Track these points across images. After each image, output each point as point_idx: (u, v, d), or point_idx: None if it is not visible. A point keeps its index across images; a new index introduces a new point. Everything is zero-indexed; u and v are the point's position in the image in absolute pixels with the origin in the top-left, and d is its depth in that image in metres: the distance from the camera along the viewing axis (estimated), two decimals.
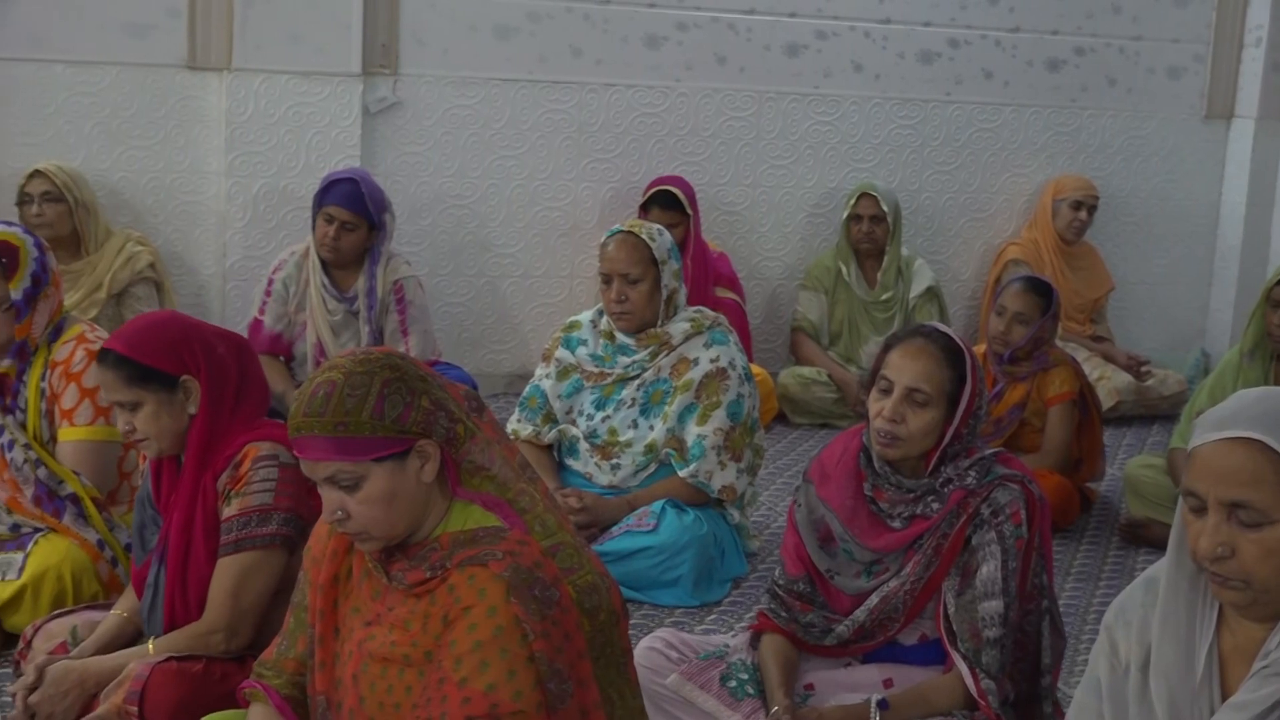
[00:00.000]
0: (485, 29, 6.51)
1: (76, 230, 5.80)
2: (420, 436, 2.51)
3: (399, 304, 5.71)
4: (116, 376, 3.15)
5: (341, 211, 5.59)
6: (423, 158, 6.51)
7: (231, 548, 3.12)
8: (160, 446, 3.21)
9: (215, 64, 6.14)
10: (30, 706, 3.15)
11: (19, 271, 3.79)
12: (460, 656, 2.42)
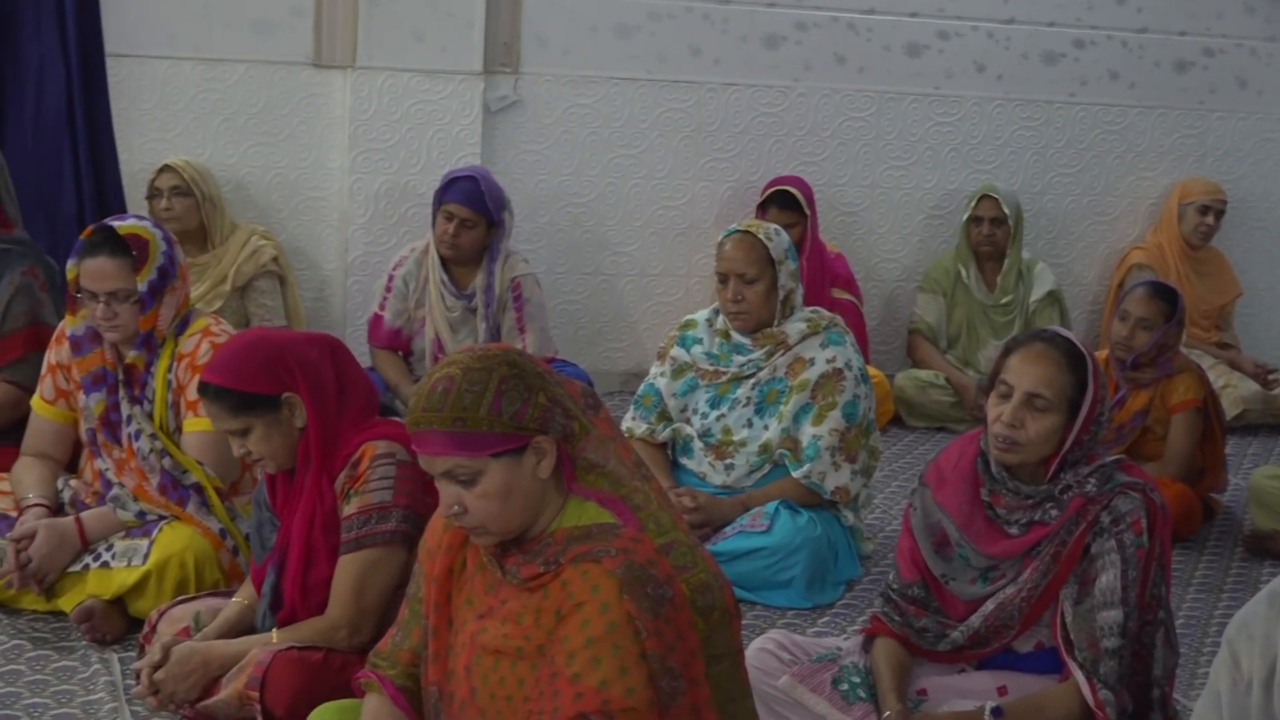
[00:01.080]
0: (606, 28, 6.53)
1: (203, 224, 5.91)
2: (537, 433, 2.53)
3: (516, 301, 5.75)
4: (221, 408, 3.23)
5: (461, 209, 5.65)
6: (542, 156, 6.54)
7: (352, 545, 3.17)
8: (278, 463, 3.28)
9: (340, 62, 6.23)
10: (154, 684, 3.23)
11: (147, 264, 3.87)
12: (573, 652, 2.44)
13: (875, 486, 5.08)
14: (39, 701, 3.45)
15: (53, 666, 3.64)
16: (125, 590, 3.80)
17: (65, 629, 3.84)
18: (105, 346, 3.97)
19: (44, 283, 4.60)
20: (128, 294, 3.85)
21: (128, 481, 3.92)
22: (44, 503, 3.95)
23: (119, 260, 3.84)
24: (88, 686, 3.53)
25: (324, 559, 3.22)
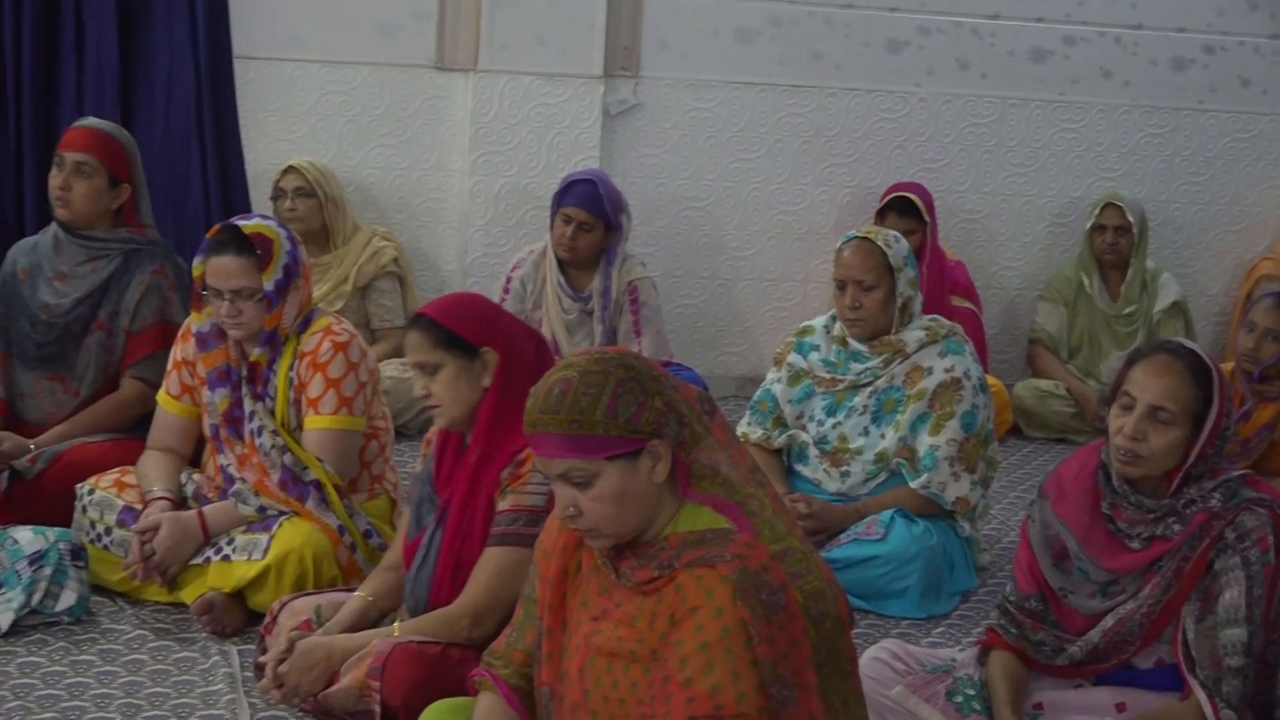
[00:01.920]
0: (726, 32, 6.53)
1: (326, 225, 6.00)
2: (652, 437, 2.53)
3: (633, 304, 5.76)
4: (424, 339, 3.33)
5: (579, 212, 5.67)
6: (660, 160, 6.55)
7: (498, 540, 3.21)
8: (451, 415, 3.33)
9: (462, 65, 6.28)
10: (278, 676, 3.28)
11: (272, 263, 3.93)
12: (685, 656, 2.44)
13: (993, 497, 5.02)
14: (160, 691, 3.51)
15: (174, 657, 3.71)
16: (245, 584, 3.86)
17: (186, 620, 3.92)
18: (229, 344, 4.04)
19: (173, 282, 4.69)
20: (252, 292, 3.91)
21: (249, 477, 3.98)
22: (168, 496, 4.03)
23: (244, 259, 3.91)
24: (207, 677, 3.60)
25: (477, 544, 3.28)
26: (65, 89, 5.84)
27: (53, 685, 3.52)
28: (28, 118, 5.77)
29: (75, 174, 4.60)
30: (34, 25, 5.74)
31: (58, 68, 5.84)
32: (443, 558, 3.35)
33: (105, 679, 3.57)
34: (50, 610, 3.84)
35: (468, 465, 3.33)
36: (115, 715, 3.38)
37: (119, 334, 4.64)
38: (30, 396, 4.67)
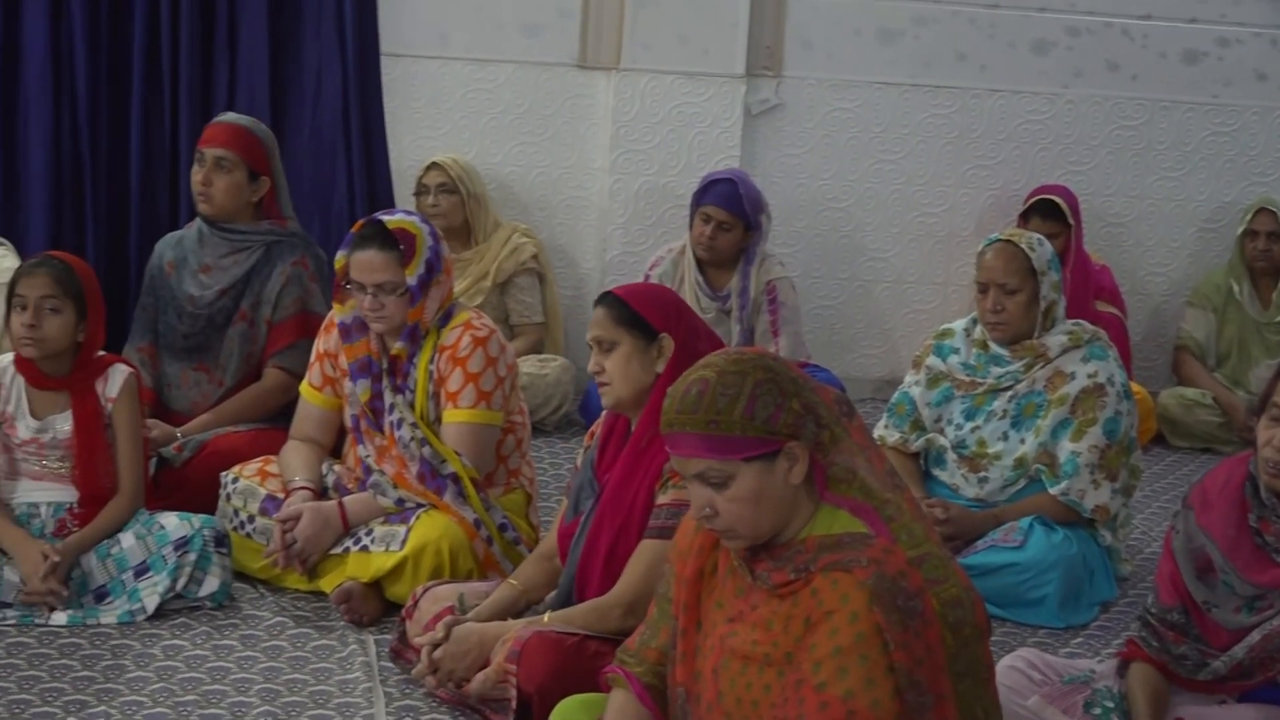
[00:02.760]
0: (869, 32, 6.48)
1: (467, 221, 6.05)
2: (789, 438, 2.52)
3: (771, 305, 5.74)
4: (606, 314, 3.38)
5: (719, 211, 5.66)
6: (801, 160, 6.52)
7: (656, 533, 3.23)
8: (619, 395, 3.36)
9: (605, 63, 6.31)
10: (434, 661, 3.33)
11: (415, 258, 3.98)
12: (820, 660, 2.42)
13: (1135, 507, 4.93)
14: (298, 677, 3.57)
15: (312, 644, 3.77)
16: (383, 574, 3.91)
17: (325, 609, 3.98)
18: (371, 336, 4.09)
19: (313, 273, 4.77)
20: (394, 286, 3.96)
21: (388, 469, 4.03)
22: (309, 486, 4.09)
23: (387, 253, 3.96)
24: (345, 665, 3.65)
25: (635, 533, 3.30)
26: (218, 87, 5.97)
27: (195, 668, 3.59)
28: (184, 116, 5.90)
29: (215, 169, 4.70)
30: (190, 25, 5.87)
31: (212, 66, 5.97)
32: (597, 543, 3.37)
33: (245, 664, 3.64)
34: (194, 595, 3.92)
35: (630, 453, 3.36)
36: (254, 699, 3.44)
37: (261, 324, 4.73)
38: (177, 386, 4.79)
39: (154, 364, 4.79)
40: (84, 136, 5.86)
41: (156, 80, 5.92)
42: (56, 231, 5.85)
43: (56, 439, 3.95)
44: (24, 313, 3.89)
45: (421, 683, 3.43)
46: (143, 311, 4.87)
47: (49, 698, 3.40)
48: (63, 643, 3.70)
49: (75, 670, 3.55)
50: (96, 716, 3.32)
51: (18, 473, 4.00)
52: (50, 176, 5.83)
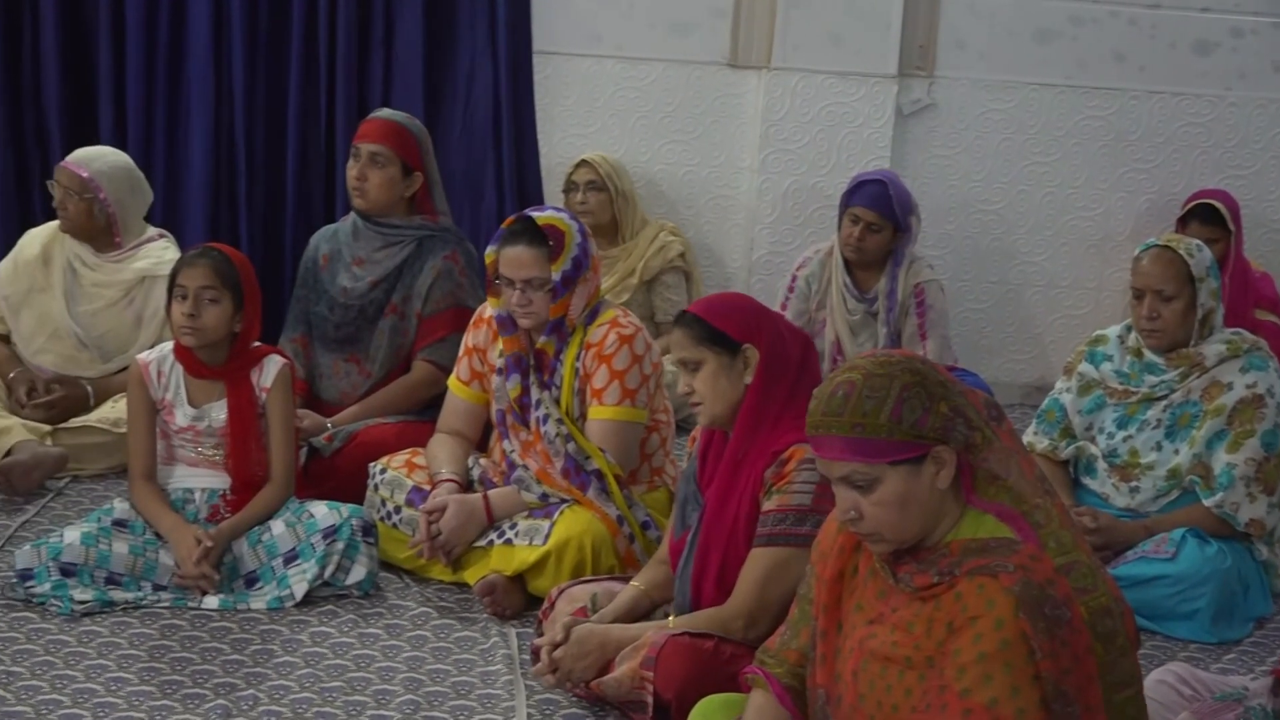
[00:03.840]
0: (1025, 33, 6.38)
1: (615, 218, 6.08)
2: (937, 442, 2.50)
3: (919, 307, 5.68)
4: (686, 335, 3.36)
5: (868, 213, 5.62)
6: (952, 161, 6.45)
7: (765, 540, 3.21)
8: (713, 412, 3.34)
9: (755, 62, 6.29)
10: (553, 662, 3.34)
11: (563, 254, 4.00)
12: (963, 666, 2.39)
13: None
14: (441, 668, 3.61)
15: (455, 635, 3.81)
16: (526, 568, 3.94)
17: (468, 600, 4.02)
18: (520, 332, 4.13)
19: (464, 267, 4.82)
20: (542, 282, 3.99)
21: (532, 464, 4.06)
22: (455, 479, 4.14)
23: (536, 249, 3.98)
24: (486, 657, 3.68)
25: (742, 544, 3.28)
26: (374, 84, 6.07)
27: (341, 655, 3.65)
28: (340, 111, 6.01)
29: (370, 164, 4.77)
30: (347, 24, 5.97)
31: (368, 63, 6.07)
32: (706, 557, 3.34)
33: (390, 652, 3.69)
34: (341, 583, 3.99)
35: (727, 465, 3.33)
36: (398, 688, 3.49)
37: (411, 318, 4.80)
38: (328, 377, 4.88)
39: (307, 355, 4.89)
40: (241, 133, 5.99)
41: (313, 78, 6.03)
42: (214, 225, 6.00)
43: (212, 426, 4.04)
44: (184, 302, 3.98)
45: (539, 679, 3.44)
46: (297, 303, 4.97)
47: (199, 679, 3.47)
48: (214, 626, 3.78)
49: (225, 653, 3.63)
50: (245, 699, 3.39)
51: (174, 459, 4.10)
52: (209, 172, 5.98)
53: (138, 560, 3.92)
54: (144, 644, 3.64)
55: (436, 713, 3.38)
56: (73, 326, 5.04)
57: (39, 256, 5.10)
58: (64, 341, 5.05)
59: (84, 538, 3.88)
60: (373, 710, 3.37)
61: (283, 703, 3.38)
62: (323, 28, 5.99)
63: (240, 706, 3.34)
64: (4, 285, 5.11)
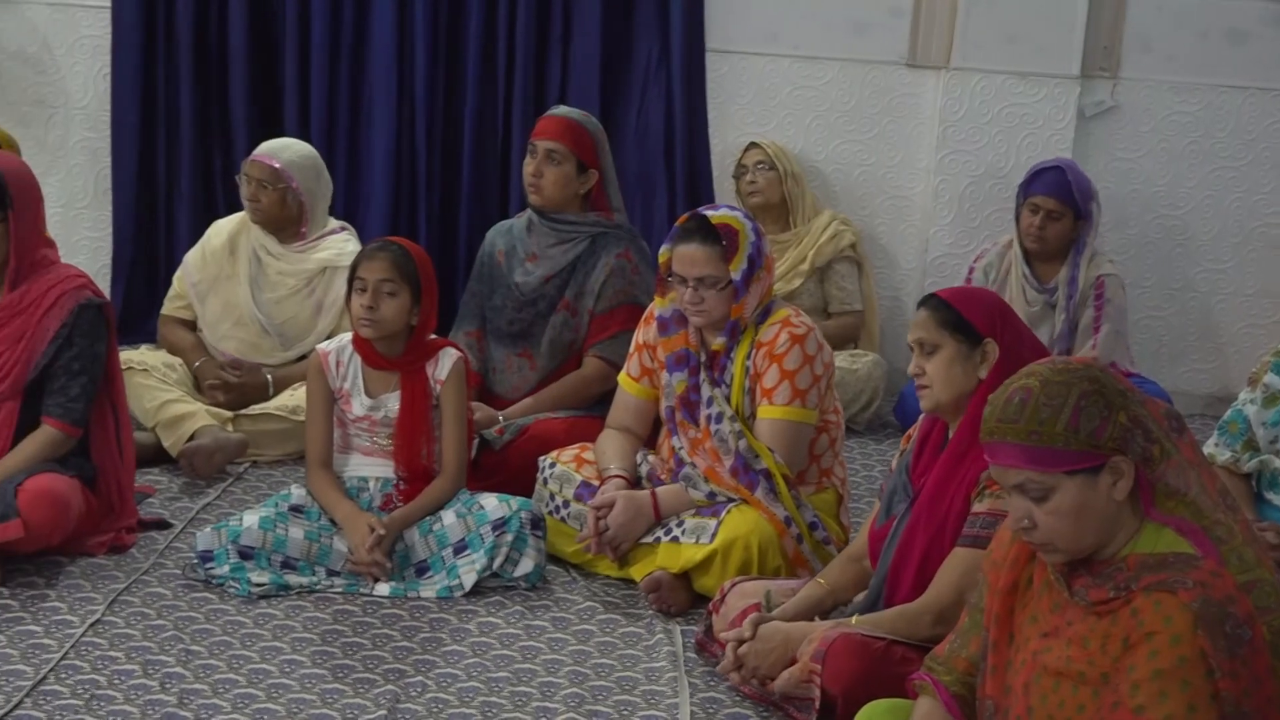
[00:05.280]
0: (1216, 33, 6.20)
1: (786, 200, 6.03)
2: (1115, 453, 2.44)
3: (1098, 300, 5.58)
4: (930, 317, 3.34)
5: (1048, 200, 5.53)
6: (1136, 165, 6.30)
7: (971, 541, 3.18)
8: (938, 399, 3.32)
9: (934, 62, 6.22)
10: (739, 658, 3.34)
11: (737, 253, 3.99)
12: (1138, 683, 2.34)
13: None
14: (605, 662, 3.64)
15: (620, 631, 3.83)
16: (692, 566, 3.94)
17: (634, 596, 4.04)
18: (690, 330, 4.13)
19: (636, 265, 4.85)
20: (716, 281, 3.99)
21: (699, 462, 4.07)
22: (624, 475, 4.16)
23: (710, 248, 3.98)
24: (651, 654, 3.69)
25: (948, 541, 3.25)
26: (551, 82, 6.13)
27: (507, 646, 3.69)
28: (517, 108, 6.08)
29: (546, 161, 4.82)
30: (526, 20, 6.04)
31: (546, 62, 6.13)
32: (909, 548, 3.33)
33: (555, 645, 3.72)
34: (509, 575, 4.03)
35: (948, 458, 3.31)
36: (563, 680, 3.52)
37: (583, 314, 4.83)
38: (500, 371, 4.94)
39: (480, 348, 4.96)
40: (421, 129, 6.10)
41: (492, 75, 6.11)
42: (393, 218, 6.10)
43: (388, 417, 4.11)
44: (363, 295, 4.06)
45: (724, 676, 3.45)
46: (472, 297, 5.03)
47: (370, 664, 3.54)
48: (385, 613, 3.85)
49: (395, 640, 3.69)
50: (414, 685, 3.44)
51: (350, 447, 4.18)
52: (389, 167, 6.09)
53: (313, 546, 4.01)
54: (317, 628, 3.72)
55: (600, 707, 3.40)
56: (256, 314, 5.18)
57: (225, 246, 5.26)
58: (247, 328, 5.20)
59: (262, 522, 3.98)
60: (538, 702, 3.40)
61: (450, 691, 3.43)
62: (502, 25, 6.06)
63: (409, 693, 3.40)
64: (192, 273, 5.28)
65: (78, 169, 6.24)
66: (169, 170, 6.14)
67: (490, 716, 3.33)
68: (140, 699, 3.29)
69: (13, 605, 3.74)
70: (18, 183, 4.02)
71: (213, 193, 6.15)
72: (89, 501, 4.06)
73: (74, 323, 4.05)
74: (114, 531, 4.13)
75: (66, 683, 3.34)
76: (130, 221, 6.13)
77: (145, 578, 3.96)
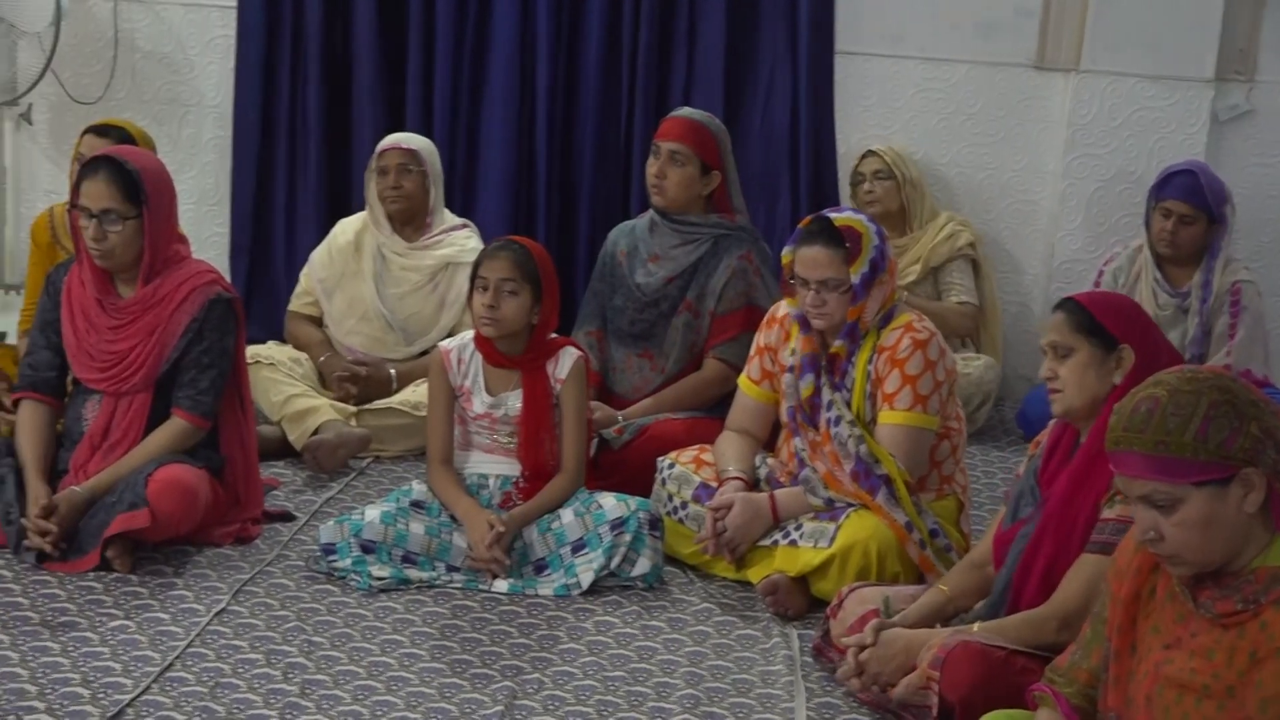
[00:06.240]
0: None
1: (904, 207, 5.96)
2: (1245, 464, 2.40)
3: (1233, 306, 5.45)
4: (1066, 320, 3.30)
5: (1180, 205, 5.42)
6: (1272, 170, 6.15)
7: (1099, 547, 3.14)
8: (1071, 403, 3.29)
9: (1063, 64, 6.13)
10: (860, 664, 3.32)
11: (860, 257, 3.97)
12: (1268, 699, 2.30)
13: None
14: (721, 664, 3.63)
15: (736, 633, 3.83)
16: (810, 570, 3.92)
17: (751, 599, 4.03)
18: (812, 332, 4.11)
19: (758, 268, 4.84)
20: (838, 283, 3.97)
21: (819, 466, 4.04)
22: (742, 477, 4.15)
23: (833, 250, 3.96)
24: (767, 657, 3.68)
25: (1076, 547, 3.21)
26: (675, 81, 6.13)
27: (623, 646, 3.70)
28: (639, 109, 6.09)
29: (669, 162, 4.82)
30: (650, 20, 6.05)
31: (670, 62, 6.14)
32: (1035, 553, 3.29)
33: (671, 646, 3.72)
34: (626, 575, 4.04)
35: (1078, 464, 3.26)
36: (679, 681, 3.52)
37: (704, 315, 4.83)
38: (621, 371, 4.95)
39: (601, 348, 4.98)
40: (542, 128, 6.13)
41: (614, 75, 6.13)
42: (513, 218, 6.15)
43: (508, 415, 4.14)
44: (485, 294, 4.10)
45: (845, 682, 3.43)
46: (593, 296, 5.06)
47: (488, 660, 3.57)
48: (502, 609, 3.88)
49: (513, 636, 3.72)
50: (530, 682, 3.46)
51: (471, 445, 4.21)
52: (509, 166, 6.14)
53: (433, 541, 4.05)
54: (436, 622, 3.76)
55: (716, 709, 3.40)
56: (381, 309, 5.26)
57: (351, 243, 5.35)
58: (372, 324, 5.27)
59: (383, 517, 4.03)
60: (654, 702, 3.41)
61: (566, 688, 3.45)
62: (626, 25, 6.08)
63: (525, 689, 3.42)
64: (318, 270, 5.37)
65: (209, 166, 6.36)
66: (290, 168, 6.23)
67: (606, 715, 3.34)
68: (263, 688, 3.34)
69: (142, 592, 3.82)
70: (153, 180, 4.11)
71: (337, 191, 6.23)
72: (216, 493, 4.14)
73: (205, 317, 4.13)
74: (240, 523, 4.20)
75: (192, 670, 3.41)
76: (249, 218, 6.23)
77: (269, 569, 4.02)
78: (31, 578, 3.85)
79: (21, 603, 3.71)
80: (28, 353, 4.26)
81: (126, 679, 3.33)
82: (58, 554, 3.90)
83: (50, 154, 6.39)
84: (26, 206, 6.35)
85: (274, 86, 6.17)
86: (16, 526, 3.93)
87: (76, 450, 4.12)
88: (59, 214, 5.18)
